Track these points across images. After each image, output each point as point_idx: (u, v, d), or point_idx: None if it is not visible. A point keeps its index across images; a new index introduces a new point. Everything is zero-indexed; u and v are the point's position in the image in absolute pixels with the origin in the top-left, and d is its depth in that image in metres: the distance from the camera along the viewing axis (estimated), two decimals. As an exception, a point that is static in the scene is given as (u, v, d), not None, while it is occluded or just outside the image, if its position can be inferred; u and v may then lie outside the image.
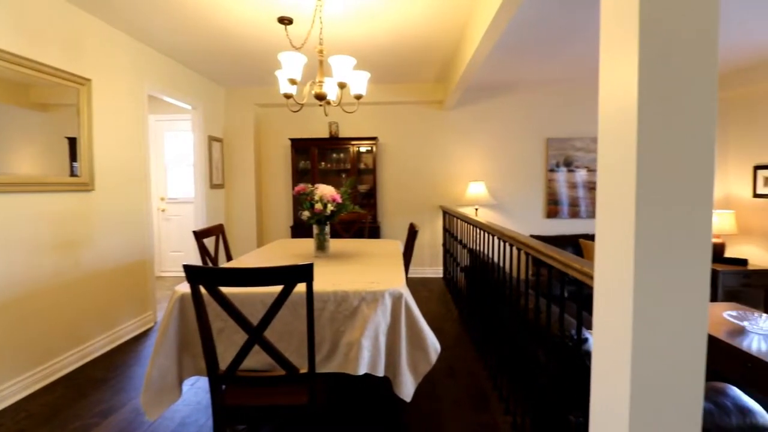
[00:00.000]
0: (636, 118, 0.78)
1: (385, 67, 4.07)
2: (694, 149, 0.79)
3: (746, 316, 2.53)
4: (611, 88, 0.85)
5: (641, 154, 0.78)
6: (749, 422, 1.53)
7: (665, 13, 0.76)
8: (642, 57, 0.76)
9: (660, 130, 0.78)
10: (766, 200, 3.90)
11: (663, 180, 0.79)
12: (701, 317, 0.83)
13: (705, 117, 0.79)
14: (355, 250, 2.66)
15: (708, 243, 0.82)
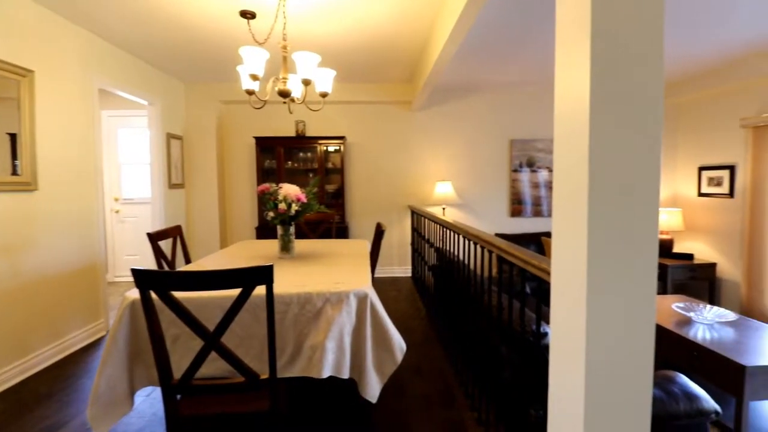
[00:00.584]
0: (588, 121, 0.80)
1: (353, 66, 4.04)
2: (642, 151, 0.82)
3: (692, 307, 2.70)
4: (565, 93, 0.88)
5: (593, 156, 0.81)
6: (695, 407, 1.63)
7: (615, 24, 0.79)
8: (593, 64, 0.79)
9: (610, 133, 0.81)
10: (710, 199, 4.19)
11: (613, 180, 0.82)
12: (649, 309, 0.86)
13: (652, 121, 0.82)
14: (321, 250, 2.62)
15: (654, 239, 0.85)
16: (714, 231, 4.13)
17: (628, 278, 0.84)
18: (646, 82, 0.81)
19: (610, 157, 0.81)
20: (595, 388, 0.86)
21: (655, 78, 0.81)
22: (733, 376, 2.04)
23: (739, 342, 2.26)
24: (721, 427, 2.15)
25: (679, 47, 3.37)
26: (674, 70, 4.03)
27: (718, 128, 4.08)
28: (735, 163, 3.90)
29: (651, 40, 0.80)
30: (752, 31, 2.97)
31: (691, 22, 2.87)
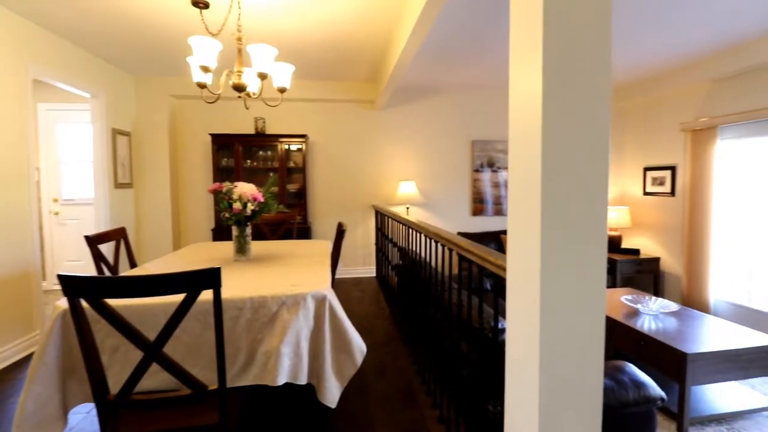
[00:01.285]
0: (540, 123, 0.81)
1: (315, 63, 3.95)
2: (592, 151, 0.84)
3: (639, 299, 2.85)
4: (519, 95, 0.89)
5: (546, 156, 0.82)
6: (643, 395, 1.71)
7: (566, 30, 0.81)
8: (546, 69, 0.80)
9: (562, 134, 0.83)
10: (654, 197, 4.47)
11: (565, 178, 0.83)
12: (599, 302, 0.87)
13: (600, 122, 0.85)
14: (280, 252, 2.53)
15: (603, 235, 0.87)
16: (658, 227, 4.41)
17: (579, 273, 0.85)
18: (595, 86, 0.83)
19: (561, 156, 0.82)
20: (549, 381, 0.87)
21: (603, 81, 0.84)
22: (676, 363, 2.17)
23: (681, 331, 2.41)
24: (666, 412, 2.27)
25: (626, 55, 3.57)
26: (622, 76, 4.26)
27: (661, 131, 4.36)
28: (676, 164, 4.18)
29: (600, 45, 0.83)
30: (690, 41, 3.19)
31: (636, 31, 3.04)
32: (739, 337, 2.29)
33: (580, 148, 0.84)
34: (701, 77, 3.71)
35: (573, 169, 0.84)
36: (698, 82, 3.84)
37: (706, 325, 2.50)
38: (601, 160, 0.85)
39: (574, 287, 0.85)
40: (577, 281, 0.85)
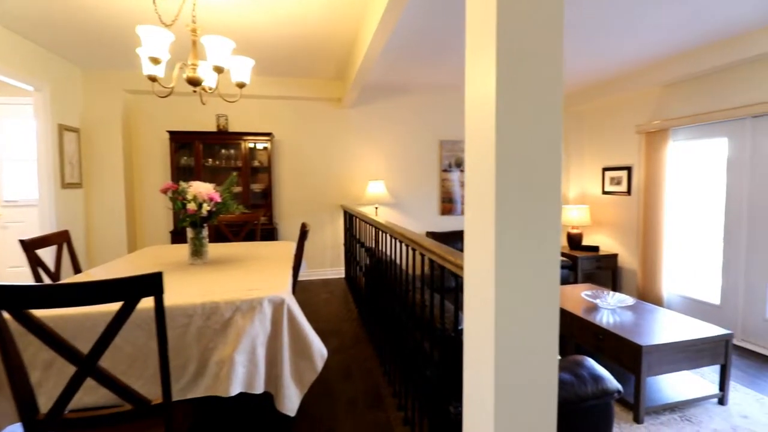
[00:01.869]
0: (494, 124, 0.80)
1: (280, 59, 3.84)
2: (545, 151, 0.84)
3: (598, 294, 2.95)
4: (474, 97, 0.89)
5: (499, 156, 0.81)
6: (600, 388, 1.75)
7: (519, 34, 0.81)
8: (499, 72, 0.80)
9: (515, 135, 0.82)
10: (612, 196, 4.66)
11: (518, 179, 0.83)
12: (553, 300, 0.87)
13: (552, 125, 0.84)
14: (240, 254, 2.42)
15: (557, 233, 0.86)
16: (616, 225, 4.60)
17: (534, 272, 0.84)
18: (547, 88, 0.84)
19: (514, 156, 0.82)
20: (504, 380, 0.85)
21: (555, 84, 0.84)
22: (632, 355, 2.25)
23: (637, 324, 2.51)
24: (624, 403, 2.35)
25: (584, 60, 3.69)
26: (582, 80, 4.41)
27: (618, 133, 4.55)
28: (632, 165, 4.37)
29: (551, 50, 0.83)
30: (644, 46, 3.33)
31: (594, 39, 3.14)
32: (689, 329, 2.40)
33: (533, 149, 0.84)
34: (654, 82, 3.90)
35: (526, 169, 0.84)
36: (652, 86, 4.02)
37: (659, 318, 2.61)
38: (553, 160, 0.85)
39: (528, 286, 0.84)
40: (532, 280, 0.84)
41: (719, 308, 3.46)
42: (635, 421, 2.22)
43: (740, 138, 3.31)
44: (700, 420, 2.24)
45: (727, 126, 3.41)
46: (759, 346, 3.14)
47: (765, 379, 2.67)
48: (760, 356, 3.03)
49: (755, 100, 3.14)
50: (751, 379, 2.68)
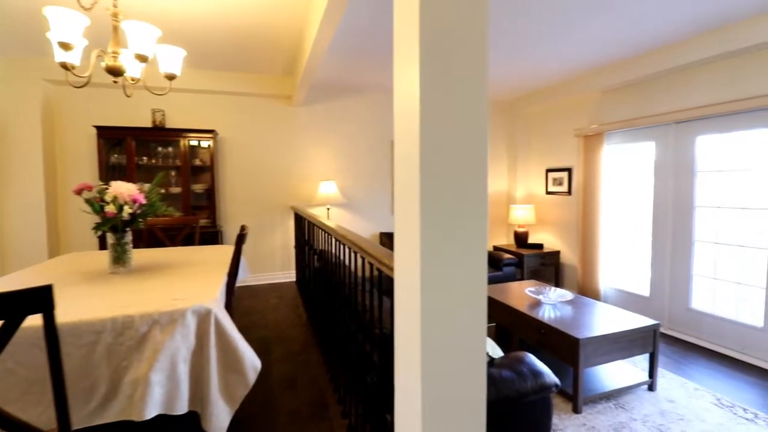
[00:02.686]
0: (419, 126, 0.78)
1: (223, 52, 3.63)
2: (470, 153, 0.82)
3: (541, 290, 3.05)
4: (401, 99, 0.85)
5: (424, 156, 0.78)
6: (539, 383, 1.78)
7: (442, 35, 0.79)
8: (422, 77, 0.78)
9: (439, 137, 0.80)
10: (554, 196, 4.89)
11: (443, 180, 0.80)
12: (480, 301, 0.84)
13: (477, 126, 0.82)
14: (172, 260, 2.24)
15: (484, 235, 0.83)
16: (558, 223, 4.83)
17: (460, 271, 0.81)
18: (472, 90, 0.82)
19: (439, 158, 0.80)
20: (432, 384, 0.82)
21: (480, 85, 0.82)
22: (570, 348, 2.33)
23: (575, 318, 2.62)
24: (564, 394, 2.44)
25: (528, 67, 3.83)
26: (529, 85, 4.59)
27: (560, 136, 4.78)
28: (572, 166, 4.61)
29: (475, 51, 0.81)
30: (581, 55, 3.51)
31: (536, 46, 3.25)
32: (622, 321, 2.54)
33: (458, 150, 0.82)
34: (592, 88, 4.12)
35: (451, 171, 0.81)
36: (590, 92, 4.26)
37: (595, 311, 2.74)
38: (479, 161, 0.82)
39: (454, 286, 0.81)
40: (458, 280, 0.81)
41: (649, 300, 3.73)
42: (574, 411, 2.30)
43: (665, 142, 3.58)
44: (632, 406, 2.37)
45: (654, 131, 3.68)
46: (683, 334, 3.41)
47: (688, 365, 2.90)
48: (685, 343, 3.29)
49: (678, 107, 3.40)
50: (676, 365, 2.89)
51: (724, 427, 2.16)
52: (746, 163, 3.03)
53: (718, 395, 2.46)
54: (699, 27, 2.88)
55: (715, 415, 2.27)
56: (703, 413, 2.28)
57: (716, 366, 2.86)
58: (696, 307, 3.35)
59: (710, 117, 3.17)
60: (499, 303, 2.99)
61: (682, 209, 3.45)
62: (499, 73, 4.13)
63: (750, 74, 2.90)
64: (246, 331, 3.13)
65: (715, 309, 3.23)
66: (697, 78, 3.27)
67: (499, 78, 4.29)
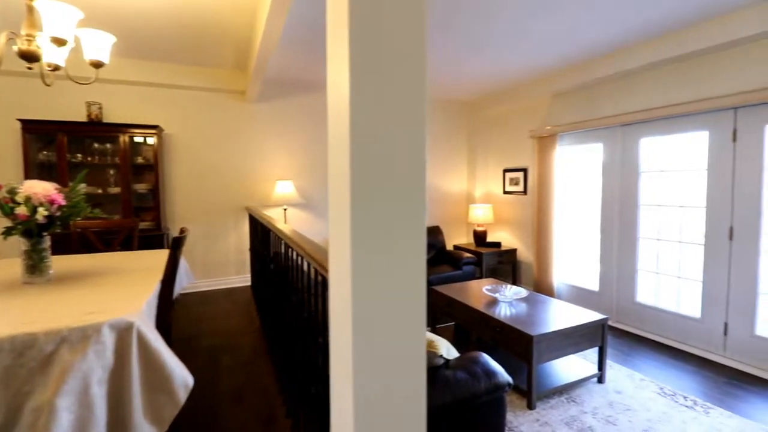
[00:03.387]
0: (348, 122, 0.71)
1: (168, 42, 3.38)
2: (407, 151, 0.76)
3: (498, 288, 3.08)
4: (332, 95, 0.78)
5: (354, 154, 0.71)
6: (493, 383, 1.77)
7: (375, 30, 0.72)
8: (352, 71, 0.70)
9: (371, 134, 0.73)
10: (511, 196, 5.00)
11: (376, 178, 0.73)
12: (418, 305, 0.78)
13: (414, 124, 0.77)
14: (100, 268, 2.03)
15: (422, 234, 0.78)
16: (515, 222, 4.95)
17: (395, 277, 0.75)
18: (408, 86, 0.75)
19: (372, 155, 0.72)
20: (364, 390, 0.75)
21: (417, 83, 0.76)
22: (524, 345, 2.36)
23: (530, 315, 2.65)
24: (519, 391, 2.46)
25: (485, 70, 3.88)
26: (488, 88, 4.66)
27: (516, 137, 4.90)
28: (527, 167, 4.73)
29: (412, 47, 0.75)
30: (532, 59, 3.59)
31: (492, 51, 3.29)
32: (573, 316, 2.61)
33: (392, 149, 0.75)
34: (545, 91, 4.25)
35: (385, 170, 0.75)
36: (543, 95, 4.38)
37: (548, 308, 2.80)
38: (416, 161, 0.77)
39: (389, 290, 0.75)
40: (394, 286, 0.75)
41: (598, 294, 3.88)
42: (528, 407, 2.33)
43: (612, 144, 3.74)
44: (583, 399, 2.43)
45: (602, 133, 3.84)
46: (630, 326, 3.57)
47: (635, 356, 3.03)
48: (632, 335, 3.45)
49: (623, 111, 3.56)
50: (624, 357, 3.01)
51: (667, 415, 2.25)
52: (684, 164, 3.22)
53: (661, 384, 2.57)
54: (641, 34, 3.02)
55: (659, 403, 2.37)
56: (648, 402, 2.38)
57: (660, 356, 3.01)
58: (641, 301, 3.52)
59: (652, 120, 3.34)
60: (458, 302, 2.99)
61: (628, 207, 3.62)
62: (457, 74, 4.15)
63: (688, 80, 3.08)
64: (193, 340, 2.94)
65: (658, 302, 3.41)
66: (639, 83, 3.43)
67: (458, 79, 4.32)
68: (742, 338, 2.81)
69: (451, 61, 3.71)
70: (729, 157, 2.87)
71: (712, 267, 2.99)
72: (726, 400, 2.38)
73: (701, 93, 2.97)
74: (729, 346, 2.88)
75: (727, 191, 2.89)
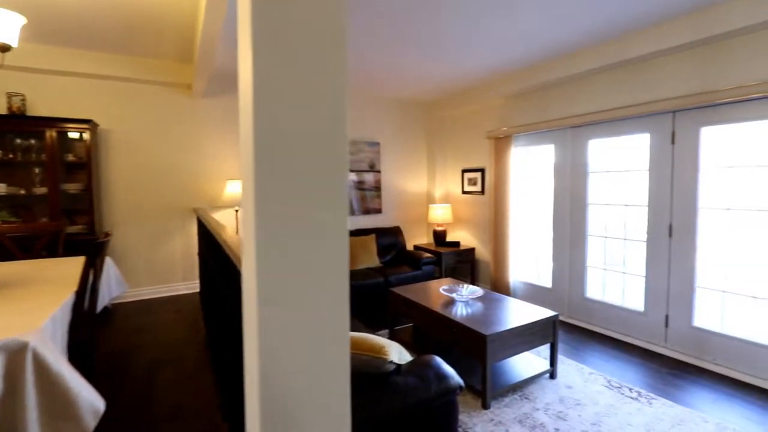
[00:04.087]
0: (252, 117, 0.62)
1: (103, 31, 3.09)
2: (321, 153, 0.68)
3: (454, 288, 3.06)
4: (242, 91, 0.69)
5: (258, 153, 0.62)
6: (443, 387, 1.72)
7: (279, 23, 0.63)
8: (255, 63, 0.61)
9: (277, 130, 0.64)
10: (469, 195, 5.06)
11: (283, 178, 0.65)
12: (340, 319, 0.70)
13: (332, 122, 0.69)
14: (8, 277, 1.79)
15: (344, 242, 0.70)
16: (473, 221, 5.01)
17: (309, 278, 0.67)
18: (323, 81, 0.67)
19: (278, 152, 0.64)
20: (270, 404, 0.66)
21: (335, 77, 0.68)
22: (478, 345, 2.34)
23: (485, 314, 2.65)
24: (475, 391, 2.44)
25: (443, 72, 3.87)
26: (443, 87, 4.66)
27: (474, 138, 4.96)
28: (484, 167, 4.80)
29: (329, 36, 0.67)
30: (484, 61, 3.62)
31: (442, 48, 3.27)
32: (526, 314, 2.63)
33: (305, 144, 0.67)
34: (501, 93, 4.32)
35: (296, 166, 0.67)
36: (499, 97, 4.46)
37: (502, 306, 2.81)
38: (333, 156, 0.69)
39: (303, 293, 0.67)
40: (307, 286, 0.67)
41: (551, 291, 3.99)
42: (483, 407, 2.31)
43: (563, 145, 3.86)
44: (535, 396, 2.45)
45: (553, 134, 3.95)
46: (581, 321, 3.69)
47: (584, 350, 3.12)
48: (582, 330, 3.56)
49: (572, 113, 3.68)
50: (574, 352, 3.09)
51: (613, 408, 2.32)
52: (628, 164, 3.36)
53: (609, 378, 2.65)
54: (588, 40, 3.12)
55: (606, 396, 2.43)
56: (596, 396, 2.44)
57: (608, 350, 3.12)
58: (590, 296, 3.64)
59: (599, 123, 3.47)
60: (415, 303, 2.95)
61: (577, 206, 3.74)
62: (415, 75, 4.12)
63: (632, 84, 3.21)
64: (130, 354, 2.69)
65: (606, 297, 3.54)
66: (588, 86, 3.56)
67: (417, 79, 4.30)
68: (681, 330, 2.97)
69: (408, 61, 3.68)
70: (668, 158, 3.02)
71: (653, 262, 3.14)
72: (668, 390, 2.49)
73: (643, 97, 3.12)
74: (670, 337, 3.03)
75: (667, 190, 3.04)
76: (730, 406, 2.30)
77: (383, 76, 4.22)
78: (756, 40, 2.50)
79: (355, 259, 4.43)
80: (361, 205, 5.14)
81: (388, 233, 4.84)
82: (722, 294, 2.80)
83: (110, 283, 2.27)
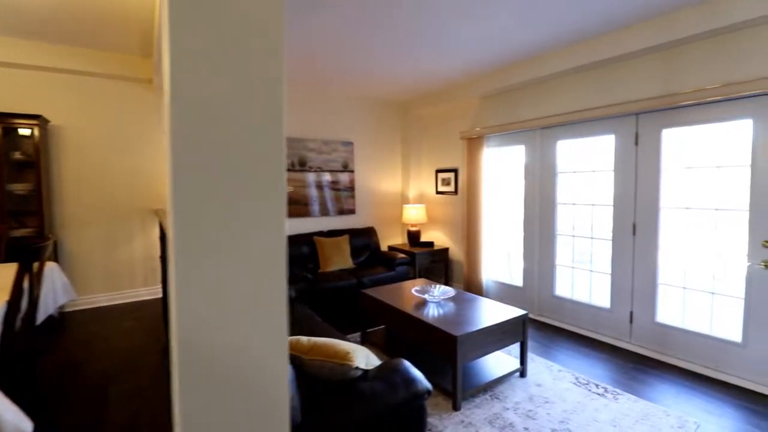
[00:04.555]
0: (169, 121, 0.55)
1: (54, 19, 2.88)
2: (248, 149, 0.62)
3: (427, 289, 3.03)
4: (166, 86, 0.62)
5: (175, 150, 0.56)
6: (411, 392, 1.67)
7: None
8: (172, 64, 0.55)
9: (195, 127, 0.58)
10: (443, 196, 5.06)
11: (206, 178, 0.59)
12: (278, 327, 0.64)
13: (272, 122, 0.63)
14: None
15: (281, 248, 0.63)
16: (447, 222, 5.01)
17: (237, 282, 0.61)
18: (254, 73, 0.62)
19: (200, 149, 0.58)
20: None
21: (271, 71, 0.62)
22: (449, 345, 2.31)
23: (456, 315, 2.63)
24: (446, 393, 2.41)
25: (417, 72, 3.84)
26: (422, 88, 4.63)
27: (447, 138, 4.96)
28: (458, 167, 4.81)
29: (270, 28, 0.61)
30: (457, 61, 3.61)
31: (417, 47, 3.24)
32: (496, 313, 2.63)
33: (232, 142, 0.62)
34: (473, 94, 4.33)
35: (220, 165, 0.61)
36: (472, 97, 4.47)
37: (473, 306, 2.80)
38: (266, 155, 0.64)
39: (232, 299, 0.61)
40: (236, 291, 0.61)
41: (522, 289, 4.03)
42: (454, 408, 2.29)
43: (533, 146, 3.90)
44: (506, 396, 2.44)
45: (523, 135, 3.99)
46: (550, 319, 3.74)
47: (554, 348, 3.15)
48: (551, 327, 3.61)
49: (541, 114, 3.73)
50: (544, 349, 3.12)
51: (581, 404, 2.34)
52: (595, 165, 3.43)
53: (577, 374, 2.69)
54: (558, 42, 3.16)
55: (574, 393, 2.46)
56: (564, 393, 2.46)
57: (576, 346, 3.16)
58: (559, 294, 3.70)
59: (567, 124, 3.53)
60: (386, 305, 2.90)
61: (547, 206, 3.80)
62: (390, 74, 4.08)
63: (598, 86, 3.28)
64: (80, 366, 2.51)
65: (574, 294, 3.60)
66: (556, 88, 3.61)
67: (393, 77, 4.25)
68: (645, 325, 3.04)
69: (381, 59, 3.62)
70: (632, 159, 3.10)
71: (618, 260, 3.22)
72: (632, 385, 2.54)
73: (609, 99, 3.18)
74: (634, 333, 3.10)
75: (631, 190, 3.12)
76: (691, 399, 2.36)
77: (356, 75, 4.16)
78: (713, 44, 2.59)
79: (328, 260, 4.33)
80: (336, 206, 5.05)
81: (361, 234, 4.77)
82: (683, 290, 2.89)
83: (56, 291, 2.10)
